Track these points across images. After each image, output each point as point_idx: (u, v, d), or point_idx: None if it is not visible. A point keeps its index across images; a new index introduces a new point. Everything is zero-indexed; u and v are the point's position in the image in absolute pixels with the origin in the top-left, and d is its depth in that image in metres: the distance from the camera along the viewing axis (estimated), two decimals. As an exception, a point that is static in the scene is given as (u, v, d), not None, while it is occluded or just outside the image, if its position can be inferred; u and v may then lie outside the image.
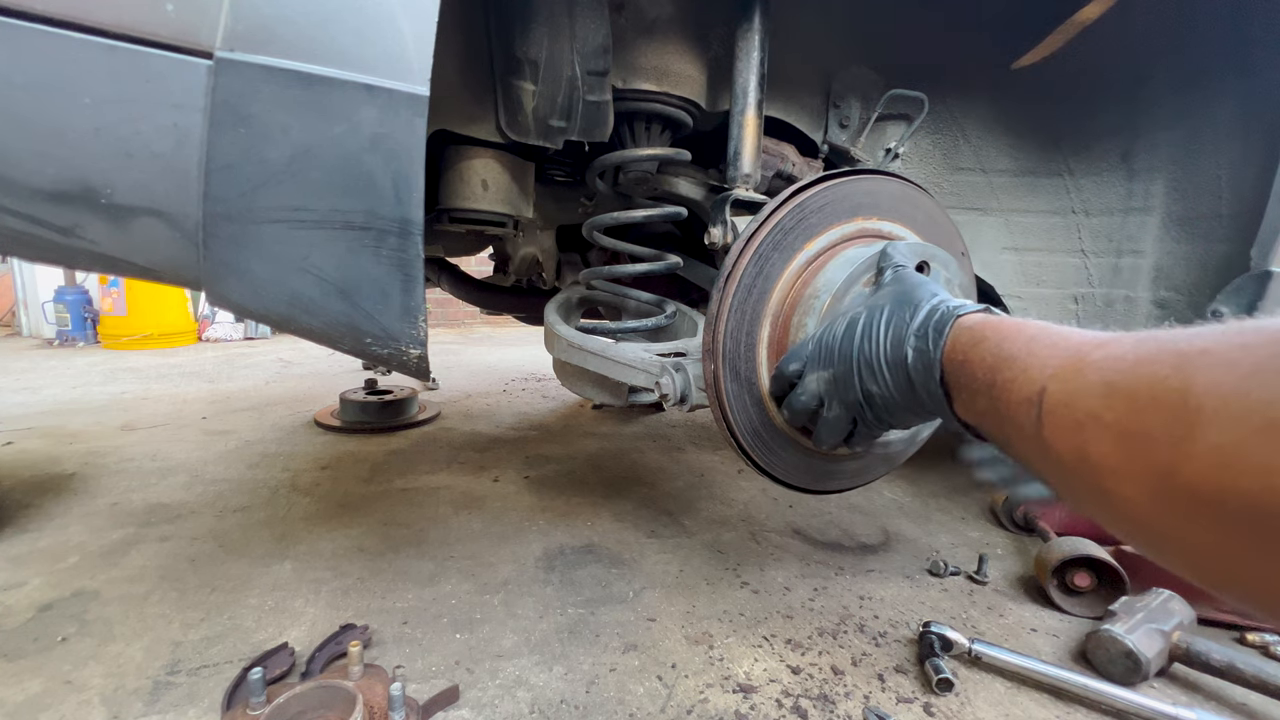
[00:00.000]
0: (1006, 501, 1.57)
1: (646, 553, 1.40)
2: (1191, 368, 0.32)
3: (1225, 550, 0.30)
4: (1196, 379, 0.31)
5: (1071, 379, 0.41)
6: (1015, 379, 0.48)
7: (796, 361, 0.83)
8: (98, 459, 1.99)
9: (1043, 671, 0.97)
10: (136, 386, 3.23)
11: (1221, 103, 1.21)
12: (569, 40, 0.96)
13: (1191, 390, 0.31)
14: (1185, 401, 0.31)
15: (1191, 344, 0.33)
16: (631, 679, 0.98)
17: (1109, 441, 0.36)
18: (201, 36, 0.63)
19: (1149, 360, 0.35)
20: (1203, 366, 0.31)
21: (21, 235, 0.68)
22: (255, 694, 0.83)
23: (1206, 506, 0.30)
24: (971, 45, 1.26)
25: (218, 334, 5.39)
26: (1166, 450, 0.32)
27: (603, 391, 1.31)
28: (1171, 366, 0.33)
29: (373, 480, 1.82)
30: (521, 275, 1.88)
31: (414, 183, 0.70)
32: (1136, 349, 0.37)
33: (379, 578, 1.26)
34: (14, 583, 1.23)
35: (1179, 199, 1.30)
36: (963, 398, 0.60)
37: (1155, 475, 0.33)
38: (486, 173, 1.21)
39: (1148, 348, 0.36)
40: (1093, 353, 0.41)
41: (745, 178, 1.10)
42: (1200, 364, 0.31)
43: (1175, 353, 0.34)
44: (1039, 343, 0.48)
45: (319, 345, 1.51)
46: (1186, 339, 0.34)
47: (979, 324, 0.60)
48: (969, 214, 1.41)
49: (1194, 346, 0.33)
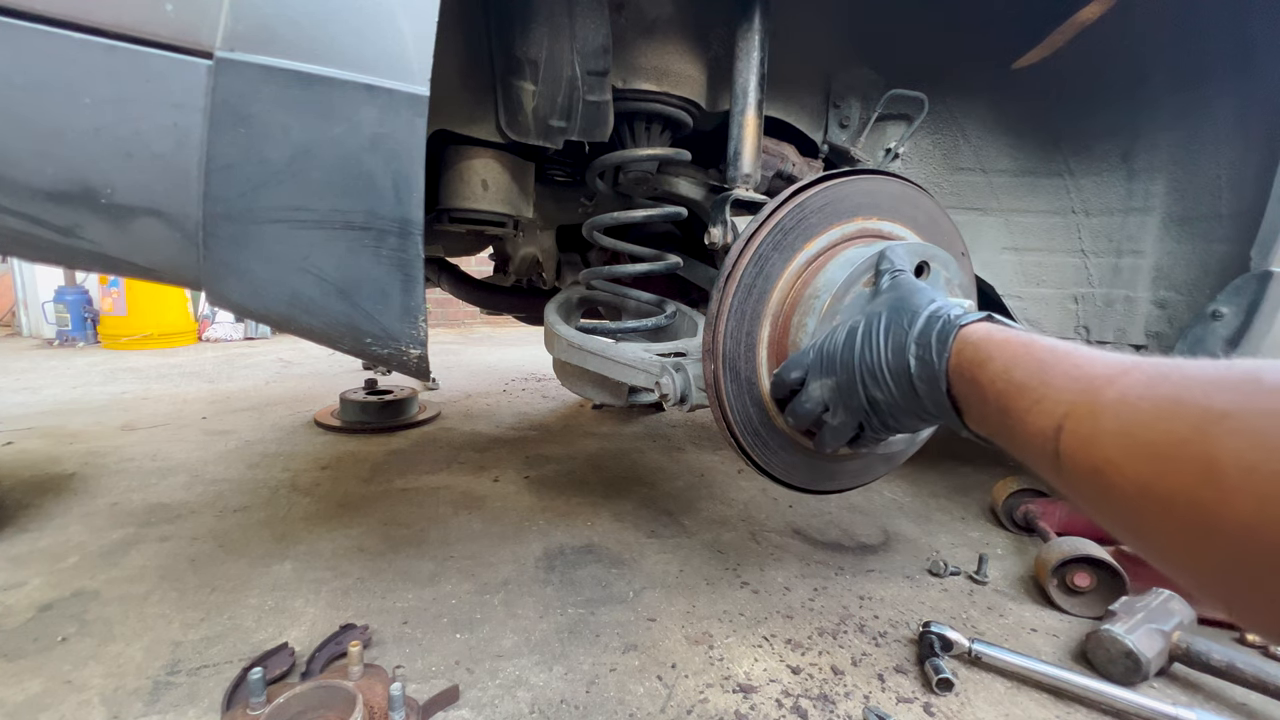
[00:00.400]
0: (1007, 501, 1.57)
1: (646, 553, 1.40)
2: (1214, 433, 0.32)
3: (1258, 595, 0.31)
4: (1221, 448, 0.31)
5: (1087, 420, 0.41)
6: (1029, 410, 0.48)
7: (798, 369, 0.83)
8: (98, 459, 1.99)
9: (1043, 671, 0.97)
10: (136, 386, 3.23)
11: (1221, 103, 1.21)
12: (569, 40, 0.96)
13: (1217, 461, 0.31)
14: (1210, 472, 0.31)
15: (1210, 401, 0.33)
16: (631, 679, 0.98)
17: (1132, 491, 0.36)
18: (201, 36, 0.63)
19: (1167, 416, 0.35)
20: (1226, 434, 0.31)
21: (21, 235, 0.68)
22: (255, 694, 0.83)
23: (1240, 566, 0.30)
24: (971, 45, 1.26)
25: (218, 334, 5.39)
26: (1194, 512, 0.32)
27: (603, 391, 1.31)
28: (1192, 428, 0.33)
29: (373, 480, 1.82)
30: (521, 275, 1.88)
31: (414, 183, 0.70)
32: (1152, 393, 0.37)
33: (379, 578, 1.26)
34: (14, 583, 1.23)
35: (1179, 199, 1.30)
36: (973, 413, 0.59)
37: (1183, 531, 0.33)
38: (486, 173, 1.21)
39: (1163, 395, 0.36)
40: (1106, 390, 0.41)
41: (745, 178, 1.10)
42: (1223, 431, 0.31)
43: (1195, 410, 0.33)
44: (1050, 371, 0.47)
45: (319, 345, 1.51)
46: (1204, 393, 0.34)
47: (983, 341, 0.59)
48: (969, 214, 1.41)
49: (1214, 407, 0.33)
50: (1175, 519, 0.33)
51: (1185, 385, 0.35)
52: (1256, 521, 0.29)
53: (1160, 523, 0.35)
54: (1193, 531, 0.32)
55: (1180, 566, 0.35)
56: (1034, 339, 0.54)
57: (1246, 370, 0.33)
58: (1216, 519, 0.31)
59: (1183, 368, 0.37)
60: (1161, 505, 0.34)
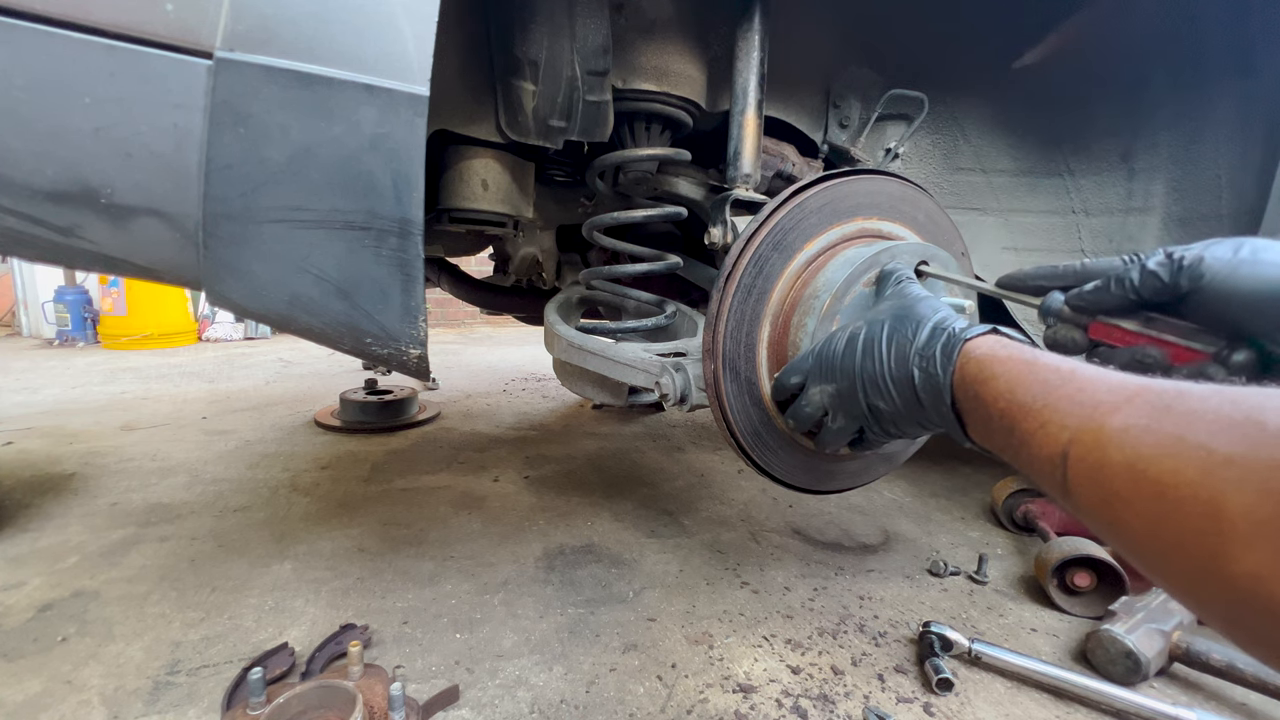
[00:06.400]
0: (1006, 501, 1.57)
1: (646, 553, 1.40)
2: (1219, 477, 0.33)
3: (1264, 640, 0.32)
4: (1228, 498, 0.32)
5: (1093, 449, 0.41)
6: (1034, 433, 0.48)
7: (797, 374, 0.83)
8: (98, 459, 1.99)
9: (1043, 671, 0.97)
10: (136, 386, 3.23)
11: (1221, 103, 1.21)
12: (569, 40, 0.96)
13: (1224, 510, 0.32)
14: (1217, 520, 0.32)
15: (1215, 443, 0.34)
16: (631, 679, 0.98)
17: (1141, 529, 0.37)
18: (201, 36, 0.63)
19: (1172, 454, 0.36)
20: (1232, 483, 0.32)
21: (21, 235, 0.68)
22: (255, 694, 0.83)
23: (1248, 612, 0.31)
24: (971, 45, 1.26)
25: (218, 334, 5.39)
26: (1202, 558, 0.33)
27: (603, 391, 1.31)
28: (1198, 471, 0.34)
29: (373, 480, 1.82)
30: (521, 275, 1.88)
31: (414, 183, 0.70)
32: (1157, 426, 0.37)
33: (379, 578, 1.26)
34: (14, 583, 1.23)
35: (1179, 199, 1.30)
36: (977, 427, 0.60)
37: (1191, 573, 0.34)
38: (486, 173, 1.21)
39: (1167, 432, 0.36)
40: (1111, 418, 0.41)
41: (745, 178, 1.10)
42: (1228, 478, 0.32)
43: (1200, 452, 0.34)
44: (1054, 393, 0.48)
45: (319, 345, 1.51)
46: (1208, 433, 0.34)
47: (987, 358, 0.59)
48: (969, 214, 1.41)
49: (1218, 450, 0.33)
50: (1183, 560, 0.34)
51: (1189, 422, 0.36)
52: (1268, 573, 0.30)
53: (1168, 562, 0.36)
54: (1201, 575, 0.34)
55: (1188, 602, 0.37)
56: (1037, 357, 0.54)
57: (1250, 409, 0.34)
58: (1225, 565, 0.32)
59: (1186, 397, 0.37)
60: (1169, 546, 0.35)
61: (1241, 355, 0.55)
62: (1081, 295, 0.64)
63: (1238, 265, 0.54)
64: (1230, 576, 0.31)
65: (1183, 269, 0.56)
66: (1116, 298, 0.61)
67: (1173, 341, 0.59)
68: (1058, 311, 0.67)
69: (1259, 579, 0.30)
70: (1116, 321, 0.63)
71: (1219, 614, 0.34)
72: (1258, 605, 0.30)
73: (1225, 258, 0.55)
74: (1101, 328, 0.64)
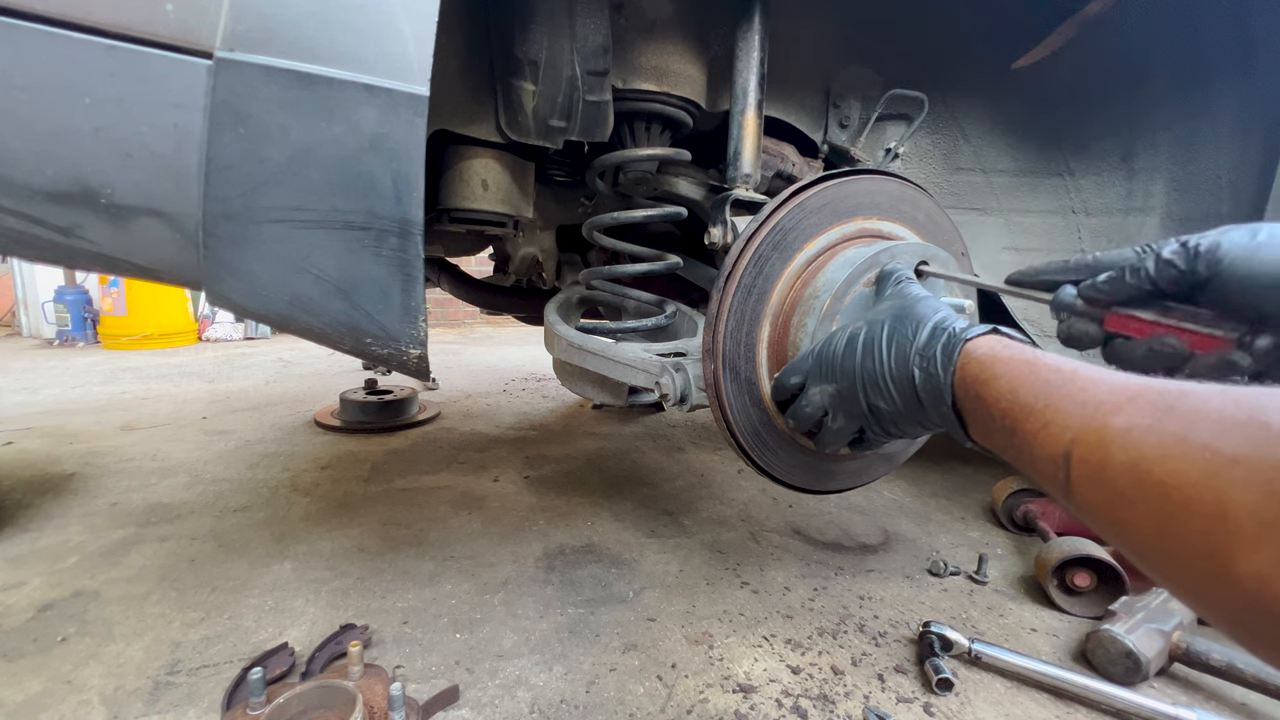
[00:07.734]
0: (1007, 501, 1.57)
1: (646, 553, 1.40)
2: (1225, 478, 0.32)
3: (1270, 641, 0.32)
4: (1232, 500, 0.32)
5: (1096, 449, 0.41)
6: (1036, 433, 0.48)
7: (797, 375, 0.83)
8: (98, 459, 1.99)
9: (1043, 671, 0.97)
10: (136, 386, 3.23)
11: (1221, 103, 1.21)
12: (569, 40, 0.96)
13: (1230, 511, 0.32)
14: (1222, 521, 0.32)
15: (1219, 444, 0.33)
16: (631, 679, 0.98)
17: (1147, 530, 0.37)
18: (201, 36, 0.63)
19: (1175, 455, 0.35)
20: (1237, 484, 0.32)
21: (21, 235, 0.68)
22: (255, 694, 0.83)
23: (1254, 613, 0.31)
24: (971, 45, 1.26)
25: (218, 334, 5.39)
26: (1208, 559, 0.33)
27: (603, 391, 1.31)
28: (1202, 472, 0.34)
29: (373, 480, 1.82)
30: (521, 275, 1.88)
31: (414, 183, 0.70)
32: (1160, 426, 0.37)
33: (379, 578, 1.26)
34: (14, 583, 1.23)
35: (1179, 199, 1.30)
36: (978, 428, 0.60)
37: (1197, 574, 0.34)
38: (486, 173, 1.21)
39: (1170, 432, 0.36)
40: (1113, 418, 0.41)
41: (745, 178, 1.10)
42: (1233, 479, 0.32)
43: (1204, 453, 0.34)
44: (1055, 393, 0.48)
45: (319, 345, 1.51)
46: (1211, 434, 0.34)
47: (988, 358, 0.59)
48: (969, 214, 1.41)
49: (1222, 451, 0.33)
50: (1188, 562, 0.34)
51: (1192, 422, 0.36)
52: (1274, 575, 0.30)
53: (1173, 564, 0.36)
54: (1205, 577, 0.34)
55: (1193, 604, 0.37)
56: (1038, 357, 0.54)
57: (1253, 409, 0.33)
58: (1231, 566, 0.32)
59: (1188, 397, 0.37)
60: (1173, 547, 0.35)
61: (1266, 340, 0.53)
62: (1096, 287, 0.62)
63: (1257, 249, 0.52)
64: (1235, 578, 0.31)
65: (1199, 255, 0.54)
66: (1132, 288, 0.59)
67: (1193, 329, 0.57)
68: (1071, 305, 0.64)
69: (1264, 580, 0.30)
70: (1133, 312, 0.60)
71: (1224, 615, 0.34)
72: (1263, 607, 0.30)
73: (1244, 242, 0.53)
74: (1118, 319, 0.61)
